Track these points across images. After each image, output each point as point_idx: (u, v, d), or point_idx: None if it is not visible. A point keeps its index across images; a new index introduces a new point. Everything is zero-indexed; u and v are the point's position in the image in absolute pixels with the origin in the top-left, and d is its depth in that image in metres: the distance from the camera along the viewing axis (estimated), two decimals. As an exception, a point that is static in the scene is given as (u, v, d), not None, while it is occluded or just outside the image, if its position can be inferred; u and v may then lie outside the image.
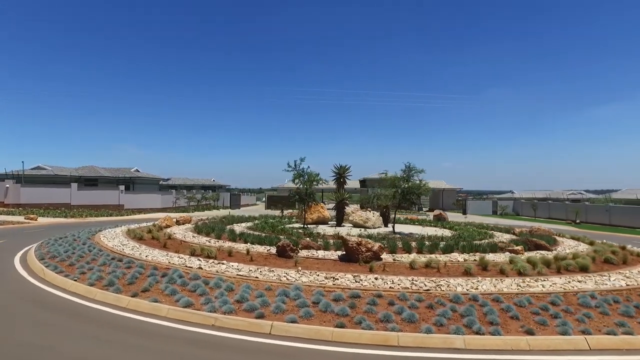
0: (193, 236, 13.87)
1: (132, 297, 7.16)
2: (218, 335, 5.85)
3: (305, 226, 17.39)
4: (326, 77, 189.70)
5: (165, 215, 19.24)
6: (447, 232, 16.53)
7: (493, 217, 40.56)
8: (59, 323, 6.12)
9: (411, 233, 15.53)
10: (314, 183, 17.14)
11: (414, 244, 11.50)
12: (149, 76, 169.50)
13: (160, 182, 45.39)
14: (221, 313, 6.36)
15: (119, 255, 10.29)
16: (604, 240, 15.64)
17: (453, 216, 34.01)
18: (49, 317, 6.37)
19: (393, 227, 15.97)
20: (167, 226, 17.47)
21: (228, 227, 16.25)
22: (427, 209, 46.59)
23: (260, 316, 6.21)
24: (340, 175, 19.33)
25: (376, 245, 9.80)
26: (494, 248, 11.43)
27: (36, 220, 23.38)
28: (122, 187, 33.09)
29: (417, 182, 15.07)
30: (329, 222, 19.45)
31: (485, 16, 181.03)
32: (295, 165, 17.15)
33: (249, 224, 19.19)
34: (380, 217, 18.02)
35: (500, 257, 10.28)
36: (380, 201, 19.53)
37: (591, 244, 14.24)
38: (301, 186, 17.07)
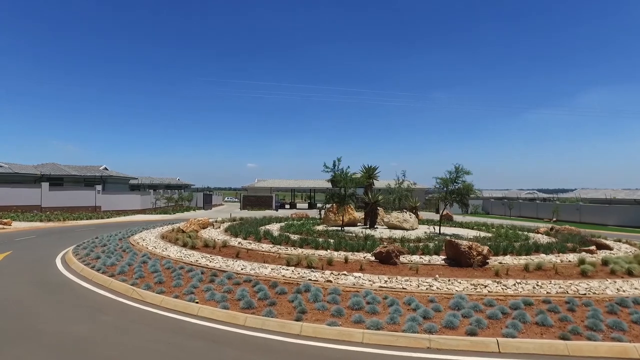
0: (249, 243, 12.66)
1: (296, 321, 6.21)
2: (440, 358, 5.25)
3: (342, 229, 16.81)
4: (270, 75, 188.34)
5: (194, 217, 17.54)
6: (474, 233, 16.73)
7: (467, 215, 42.75)
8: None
9: (454, 234, 15.66)
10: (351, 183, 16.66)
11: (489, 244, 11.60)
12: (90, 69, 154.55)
13: (130, 182, 41.28)
14: (424, 333, 5.74)
15: (207, 269, 9.00)
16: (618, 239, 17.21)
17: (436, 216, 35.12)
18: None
19: (439, 229, 16.01)
20: (195, 231, 15.87)
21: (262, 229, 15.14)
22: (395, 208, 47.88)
23: (473, 333, 5.70)
24: (369, 176, 19.02)
25: (485, 249, 9.67)
26: (564, 248, 11.90)
27: (11, 224, 19.79)
28: (99, 187, 29.36)
29: (466, 183, 15.22)
30: (358, 224, 19.02)
31: (428, 19, 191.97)
32: (334, 165, 16.59)
33: (275, 225, 18.15)
34: (417, 219, 18.02)
35: (585, 257, 10.69)
36: (409, 202, 19.61)
37: (619, 241, 15.54)
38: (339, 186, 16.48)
